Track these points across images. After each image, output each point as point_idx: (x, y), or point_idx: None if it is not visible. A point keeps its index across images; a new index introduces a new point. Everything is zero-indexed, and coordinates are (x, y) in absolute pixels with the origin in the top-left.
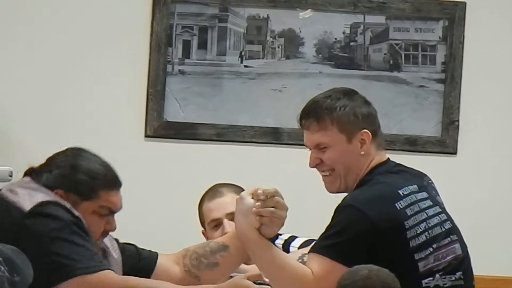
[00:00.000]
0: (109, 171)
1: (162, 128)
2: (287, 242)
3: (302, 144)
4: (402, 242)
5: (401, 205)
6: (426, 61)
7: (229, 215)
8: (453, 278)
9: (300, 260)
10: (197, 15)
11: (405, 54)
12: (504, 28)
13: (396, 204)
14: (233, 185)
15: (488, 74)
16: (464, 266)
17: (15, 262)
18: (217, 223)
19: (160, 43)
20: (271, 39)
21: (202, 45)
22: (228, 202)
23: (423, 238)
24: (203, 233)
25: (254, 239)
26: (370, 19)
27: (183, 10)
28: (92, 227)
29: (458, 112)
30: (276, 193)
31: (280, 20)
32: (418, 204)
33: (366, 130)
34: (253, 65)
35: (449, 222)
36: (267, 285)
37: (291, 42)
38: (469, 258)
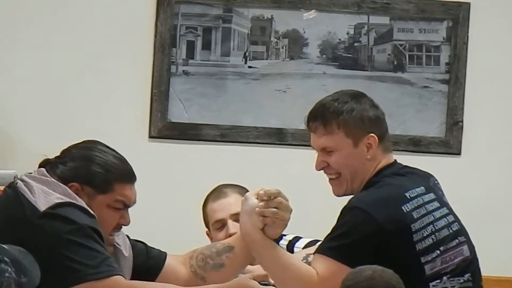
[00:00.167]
0: (124, 164)
1: (166, 129)
2: (291, 243)
3: (306, 145)
4: (408, 245)
5: (408, 208)
6: (430, 61)
7: (233, 215)
8: (461, 281)
9: (304, 260)
10: (201, 15)
11: (409, 55)
12: (508, 28)
13: (402, 207)
14: (237, 186)
15: (492, 74)
16: (473, 268)
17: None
18: (221, 224)
19: (164, 43)
20: (275, 40)
21: (206, 46)
22: (232, 203)
23: (430, 241)
24: (207, 234)
25: (258, 239)
26: (374, 19)
27: (187, 10)
28: (106, 221)
29: (462, 112)
30: (278, 194)
31: (284, 20)
32: (425, 206)
33: (373, 134)
34: (257, 66)
35: (456, 223)
36: (272, 286)
37: (295, 43)
38: (477, 260)
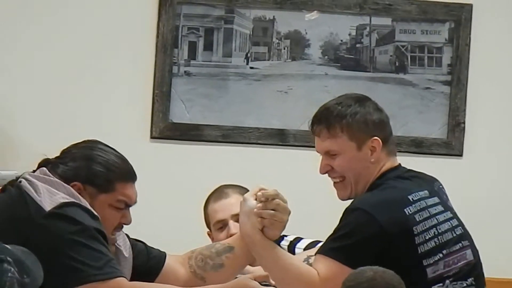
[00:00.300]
0: (125, 163)
1: (167, 129)
2: (292, 244)
3: (307, 146)
4: (410, 247)
5: (410, 211)
6: (432, 63)
7: (234, 216)
8: (464, 285)
9: (305, 262)
10: (203, 16)
11: (411, 56)
12: (510, 30)
13: (405, 210)
14: (239, 186)
15: (494, 76)
16: (476, 272)
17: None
18: (222, 224)
19: (166, 44)
20: (277, 41)
21: (208, 47)
22: (233, 203)
23: (432, 244)
24: (208, 234)
25: (257, 240)
26: (376, 21)
27: (189, 11)
28: (108, 221)
29: (464, 114)
30: (276, 196)
31: (286, 21)
32: (428, 209)
33: (377, 138)
34: (259, 67)
35: (460, 227)
36: (273, 287)
37: (297, 44)
38: (481, 264)
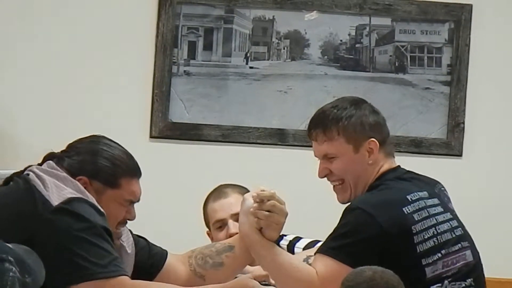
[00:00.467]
0: (130, 159)
1: (167, 129)
2: (291, 243)
3: (307, 146)
4: (409, 246)
5: (409, 210)
6: (432, 63)
7: (234, 215)
8: (463, 285)
9: (305, 261)
10: (203, 16)
11: (410, 56)
12: (510, 30)
13: (403, 209)
14: (238, 186)
15: (494, 76)
16: (476, 272)
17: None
18: (221, 224)
19: (166, 44)
20: (277, 41)
21: (208, 46)
22: (233, 203)
23: (431, 243)
24: (208, 233)
25: (256, 240)
26: (376, 21)
27: (189, 11)
28: (113, 216)
29: (464, 114)
30: (271, 197)
31: (286, 21)
32: (427, 209)
33: (374, 139)
34: (259, 67)
35: (460, 228)
36: (273, 286)
37: (297, 44)
38: (481, 265)
